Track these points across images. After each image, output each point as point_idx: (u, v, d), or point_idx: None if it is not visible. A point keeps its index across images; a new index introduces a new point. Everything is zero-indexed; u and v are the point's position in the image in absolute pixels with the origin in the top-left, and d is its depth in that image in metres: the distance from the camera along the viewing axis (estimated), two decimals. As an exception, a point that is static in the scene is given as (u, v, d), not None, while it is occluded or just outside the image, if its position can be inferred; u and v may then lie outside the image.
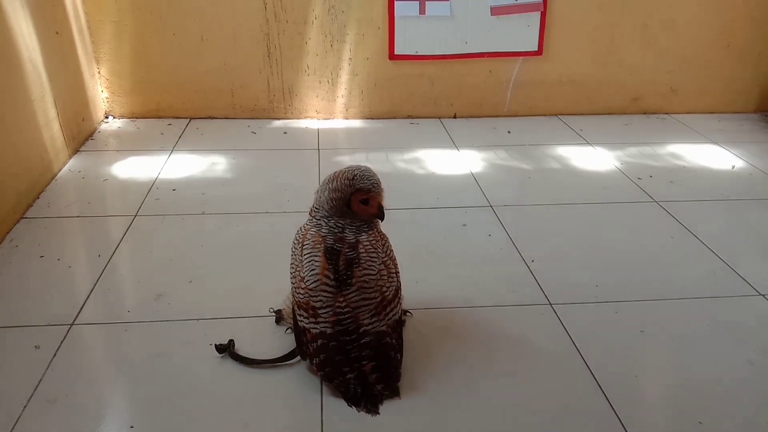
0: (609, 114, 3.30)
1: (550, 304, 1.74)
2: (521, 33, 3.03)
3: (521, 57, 3.09)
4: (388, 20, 2.94)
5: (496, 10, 2.96)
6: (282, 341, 1.55)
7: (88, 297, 1.71)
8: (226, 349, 1.50)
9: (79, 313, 1.64)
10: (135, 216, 2.15)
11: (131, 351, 1.52)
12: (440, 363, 1.50)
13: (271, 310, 1.63)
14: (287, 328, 1.58)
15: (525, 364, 1.52)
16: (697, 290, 1.83)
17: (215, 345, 1.51)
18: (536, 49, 3.07)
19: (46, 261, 1.87)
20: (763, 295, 1.80)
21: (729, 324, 1.68)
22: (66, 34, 2.57)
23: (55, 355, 1.49)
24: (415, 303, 1.69)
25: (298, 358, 1.46)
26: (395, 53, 3.01)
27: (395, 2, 2.89)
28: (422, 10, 2.92)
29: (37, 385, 1.40)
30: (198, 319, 1.63)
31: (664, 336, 1.64)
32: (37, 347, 1.51)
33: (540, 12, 3.00)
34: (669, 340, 1.62)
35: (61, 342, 1.53)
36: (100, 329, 1.60)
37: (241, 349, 1.51)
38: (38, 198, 2.23)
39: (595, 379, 1.47)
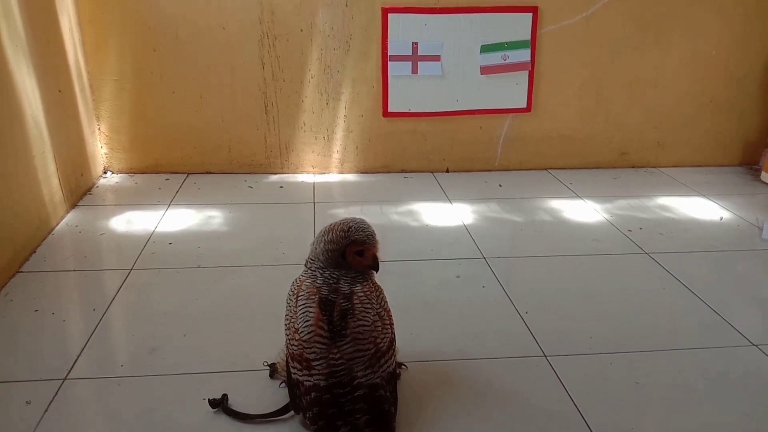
0: (598, 168, 3.37)
1: (545, 356, 1.74)
2: (510, 91, 3.13)
3: (511, 114, 3.18)
4: (382, 79, 3.04)
5: (485, 70, 3.07)
6: (276, 395, 1.54)
7: (81, 351, 1.70)
8: (220, 404, 1.49)
9: (72, 367, 1.63)
10: (131, 270, 2.16)
11: (124, 406, 1.51)
12: (435, 417, 1.49)
13: (265, 364, 1.63)
14: (281, 382, 1.57)
15: (520, 417, 1.51)
16: (690, 341, 1.83)
17: (209, 400, 1.49)
18: (525, 106, 3.17)
19: (41, 315, 1.87)
20: (756, 345, 1.81)
21: (723, 375, 1.68)
22: (68, 92, 2.64)
23: (46, 410, 1.47)
24: (409, 355, 1.69)
25: (292, 412, 1.45)
26: (389, 110, 3.10)
27: (389, 62, 3.00)
28: (414, 70, 3.03)
29: (27, 442, 1.38)
30: (192, 374, 1.62)
31: (659, 388, 1.63)
32: (28, 402, 1.49)
33: (528, 71, 3.11)
34: (664, 392, 1.62)
35: (53, 397, 1.52)
36: (92, 384, 1.58)
37: (235, 403, 1.50)
38: (35, 252, 2.24)
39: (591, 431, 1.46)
